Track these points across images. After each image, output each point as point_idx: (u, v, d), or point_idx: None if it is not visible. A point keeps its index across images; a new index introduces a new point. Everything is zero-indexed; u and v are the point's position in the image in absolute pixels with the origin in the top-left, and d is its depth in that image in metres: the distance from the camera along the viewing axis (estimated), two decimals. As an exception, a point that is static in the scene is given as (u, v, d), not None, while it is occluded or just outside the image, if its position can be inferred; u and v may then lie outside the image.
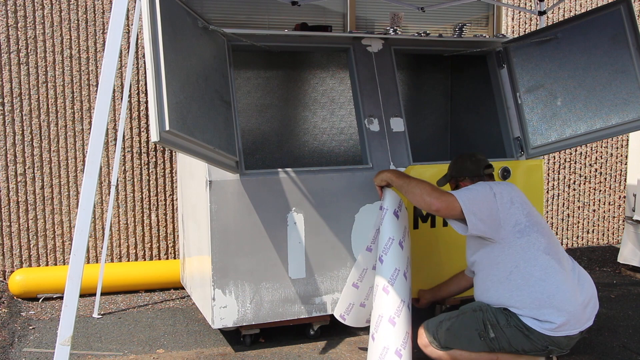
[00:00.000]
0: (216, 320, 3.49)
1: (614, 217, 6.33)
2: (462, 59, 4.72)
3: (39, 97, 4.70)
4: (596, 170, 6.20)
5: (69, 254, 4.03)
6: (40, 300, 4.51)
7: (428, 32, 4.28)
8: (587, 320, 2.93)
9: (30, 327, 4.00)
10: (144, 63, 4.86)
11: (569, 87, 3.89)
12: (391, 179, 3.26)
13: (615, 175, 6.27)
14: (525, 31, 5.83)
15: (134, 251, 5.00)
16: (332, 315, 3.70)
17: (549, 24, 4.56)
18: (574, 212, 6.17)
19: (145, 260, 5.03)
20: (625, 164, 6.21)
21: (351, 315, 3.49)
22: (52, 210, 4.78)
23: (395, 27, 4.20)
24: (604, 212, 6.28)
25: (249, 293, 3.53)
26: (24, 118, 4.68)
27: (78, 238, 2.31)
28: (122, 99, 4.46)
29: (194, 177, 3.81)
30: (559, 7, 5.95)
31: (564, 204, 6.13)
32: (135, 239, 4.99)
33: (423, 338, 3.08)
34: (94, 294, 4.25)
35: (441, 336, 3.01)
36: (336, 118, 4.88)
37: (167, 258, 5.08)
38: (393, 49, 3.98)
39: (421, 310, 3.93)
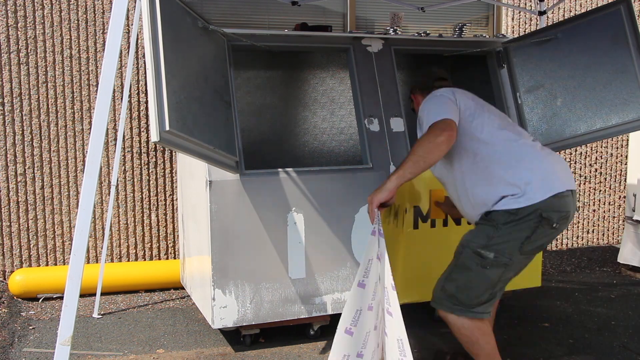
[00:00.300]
0: (216, 320, 3.49)
1: (614, 217, 6.33)
2: (462, 59, 4.71)
3: (39, 97, 4.70)
4: (596, 170, 6.20)
5: (69, 254, 4.03)
6: (40, 300, 4.51)
7: (428, 32, 4.28)
8: (569, 180, 2.82)
9: (30, 327, 4.00)
10: (144, 63, 4.86)
11: (569, 87, 3.89)
12: (399, 179, 2.75)
13: (615, 175, 6.27)
14: (525, 31, 5.83)
15: (134, 251, 5.00)
16: (332, 315, 3.70)
17: (549, 24, 4.56)
18: (574, 212, 6.17)
19: (145, 260, 5.03)
20: (625, 164, 6.21)
21: None
22: (52, 210, 4.78)
23: (395, 27, 4.20)
24: (604, 212, 6.28)
25: (249, 293, 3.53)
26: (24, 118, 4.68)
27: (78, 238, 2.31)
28: (122, 99, 4.46)
29: (194, 177, 3.81)
30: (559, 7, 5.95)
31: (564, 204, 6.12)
32: (135, 239, 4.99)
33: (442, 313, 2.89)
34: (94, 294, 4.25)
35: (460, 297, 2.80)
36: (336, 118, 4.88)
37: (167, 258, 5.08)
38: (393, 49, 3.98)
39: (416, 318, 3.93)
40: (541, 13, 4.70)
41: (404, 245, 3.76)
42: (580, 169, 6.15)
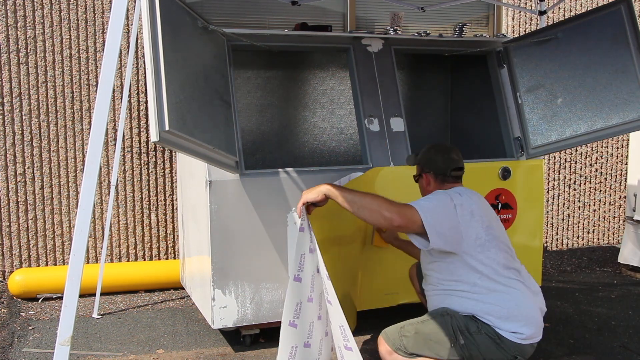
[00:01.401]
0: (216, 320, 3.49)
1: (614, 217, 6.32)
2: (462, 59, 4.71)
3: (38, 97, 4.70)
4: (596, 170, 6.20)
5: (69, 254, 4.02)
6: (40, 300, 4.50)
7: (428, 32, 4.27)
8: (540, 332, 2.85)
9: (30, 327, 3.99)
10: (144, 63, 4.86)
11: (569, 87, 3.88)
12: (334, 193, 2.80)
13: (616, 175, 6.27)
14: (525, 31, 5.83)
15: (134, 251, 4.99)
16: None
17: (549, 24, 4.56)
18: (574, 212, 6.17)
19: (145, 260, 5.03)
20: (626, 164, 6.21)
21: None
22: (52, 210, 4.78)
23: (395, 27, 4.20)
24: (604, 212, 6.28)
25: (248, 293, 3.53)
26: (23, 118, 4.67)
27: (78, 238, 2.31)
28: (122, 99, 4.46)
29: (194, 177, 3.81)
30: (559, 7, 5.95)
31: (564, 204, 6.13)
32: (135, 239, 4.99)
33: (384, 345, 2.88)
34: (94, 294, 4.25)
35: (408, 342, 2.83)
36: (336, 118, 4.88)
37: (167, 258, 5.08)
38: (393, 49, 3.98)
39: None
40: (541, 13, 4.69)
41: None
42: (581, 169, 6.14)
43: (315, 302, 2.89)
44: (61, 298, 4.32)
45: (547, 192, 6.04)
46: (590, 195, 6.21)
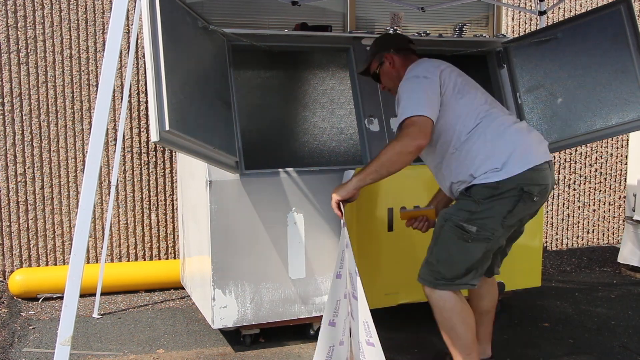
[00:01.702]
0: (216, 320, 3.49)
1: (614, 217, 6.32)
2: (462, 59, 4.71)
3: (39, 97, 4.70)
4: (596, 170, 6.20)
5: (69, 254, 4.03)
6: (40, 300, 4.51)
7: (428, 32, 4.27)
8: (545, 153, 2.85)
9: (30, 327, 3.99)
10: (144, 63, 4.86)
11: (569, 87, 3.88)
12: (362, 182, 2.81)
13: (616, 175, 6.27)
14: (525, 31, 5.83)
15: (134, 251, 5.00)
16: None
17: (549, 24, 4.56)
18: (574, 212, 6.17)
19: (145, 260, 5.03)
20: (626, 164, 6.21)
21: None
22: (52, 210, 4.78)
23: (395, 27, 4.20)
24: (604, 212, 6.28)
25: (249, 293, 3.53)
26: (24, 118, 4.68)
27: (78, 238, 2.31)
28: (122, 99, 4.46)
29: (194, 177, 3.81)
30: (559, 7, 5.95)
31: (564, 204, 6.13)
32: (135, 239, 4.99)
33: (426, 289, 2.85)
34: (94, 294, 4.25)
35: (442, 271, 2.77)
36: (336, 118, 4.88)
37: (167, 258, 5.08)
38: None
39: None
40: (541, 13, 4.69)
41: (403, 246, 3.76)
42: (580, 169, 6.15)
43: (347, 298, 2.88)
44: (61, 298, 4.33)
45: (547, 192, 6.03)
46: (590, 195, 6.21)
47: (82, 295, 3.62)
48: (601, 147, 6.19)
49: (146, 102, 4.92)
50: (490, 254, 2.86)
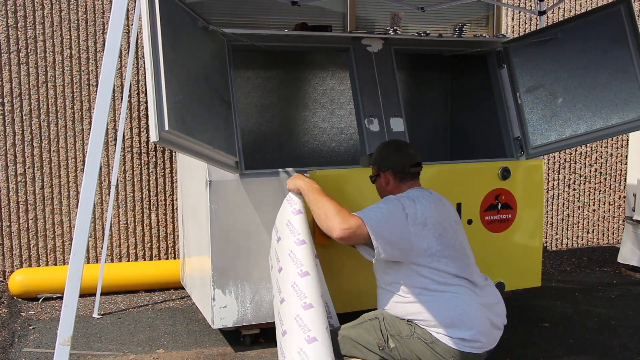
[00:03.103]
0: (216, 320, 3.49)
1: (614, 217, 6.32)
2: (462, 59, 4.71)
3: (39, 97, 4.70)
4: (596, 170, 6.20)
5: (69, 254, 4.03)
6: (40, 300, 4.51)
7: (428, 32, 4.27)
8: (494, 341, 2.78)
9: (30, 327, 4.00)
10: (144, 63, 4.86)
11: (569, 87, 3.88)
12: (303, 190, 2.97)
13: (615, 175, 6.27)
14: (525, 31, 5.83)
15: (134, 251, 5.00)
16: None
17: (549, 24, 4.56)
18: (574, 212, 6.17)
19: (145, 260, 5.03)
20: (625, 164, 6.21)
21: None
22: (52, 210, 4.78)
23: (395, 27, 4.20)
24: (604, 212, 6.28)
25: (249, 293, 3.53)
26: (24, 118, 4.68)
27: (78, 238, 2.31)
28: (122, 99, 4.46)
29: (194, 177, 3.81)
30: (559, 7, 5.95)
31: (564, 204, 6.13)
32: (135, 239, 4.99)
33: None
34: (94, 294, 4.25)
35: (341, 344, 2.80)
36: (336, 118, 4.88)
37: (167, 258, 5.08)
38: (393, 49, 3.98)
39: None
40: (541, 13, 4.69)
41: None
42: (580, 169, 6.15)
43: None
44: (61, 298, 4.32)
45: (547, 192, 6.04)
46: (589, 195, 6.21)
47: (82, 295, 3.62)
48: (601, 147, 6.19)
49: (146, 102, 4.92)
50: None
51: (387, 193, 2.95)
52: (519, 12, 5.82)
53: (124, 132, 4.64)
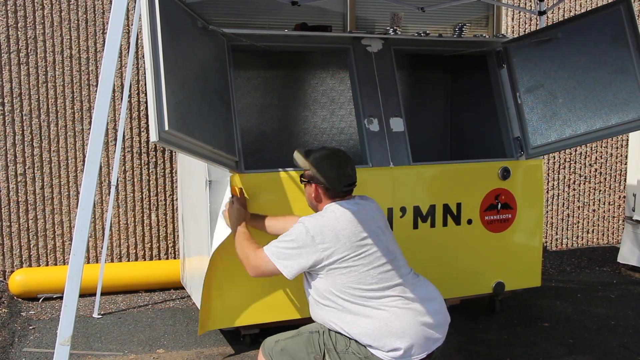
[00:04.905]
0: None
1: (614, 217, 6.33)
2: (462, 59, 4.71)
3: (39, 97, 4.70)
4: (596, 170, 6.20)
5: (69, 254, 4.03)
6: (40, 300, 4.51)
7: (428, 32, 4.27)
8: (435, 342, 2.67)
9: (30, 327, 4.00)
10: (144, 63, 4.86)
11: (569, 87, 3.89)
12: (232, 230, 3.07)
13: (615, 175, 6.27)
14: (525, 31, 5.83)
15: (134, 251, 5.00)
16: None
17: (549, 24, 4.56)
18: (574, 212, 6.17)
19: (145, 260, 5.03)
20: (625, 164, 6.21)
21: None
22: (52, 210, 4.79)
23: (395, 27, 4.20)
24: (604, 212, 6.28)
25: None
26: (24, 118, 4.68)
27: (78, 238, 2.31)
28: (122, 99, 4.46)
29: (194, 177, 3.81)
30: (559, 7, 5.95)
31: (564, 204, 6.13)
32: (135, 239, 4.99)
33: (260, 357, 2.86)
34: (94, 294, 4.25)
35: (276, 356, 2.78)
36: (336, 118, 4.88)
37: (167, 258, 5.08)
38: (393, 49, 3.98)
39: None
40: (541, 13, 4.70)
41: (404, 246, 3.76)
42: (580, 169, 6.15)
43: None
44: (61, 298, 4.33)
45: (547, 192, 6.04)
46: (589, 195, 6.21)
47: (82, 295, 3.63)
48: (601, 147, 6.19)
49: (146, 102, 4.92)
50: None
51: (312, 202, 2.88)
52: (519, 12, 5.82)
53: (124, 132, 4.64)
